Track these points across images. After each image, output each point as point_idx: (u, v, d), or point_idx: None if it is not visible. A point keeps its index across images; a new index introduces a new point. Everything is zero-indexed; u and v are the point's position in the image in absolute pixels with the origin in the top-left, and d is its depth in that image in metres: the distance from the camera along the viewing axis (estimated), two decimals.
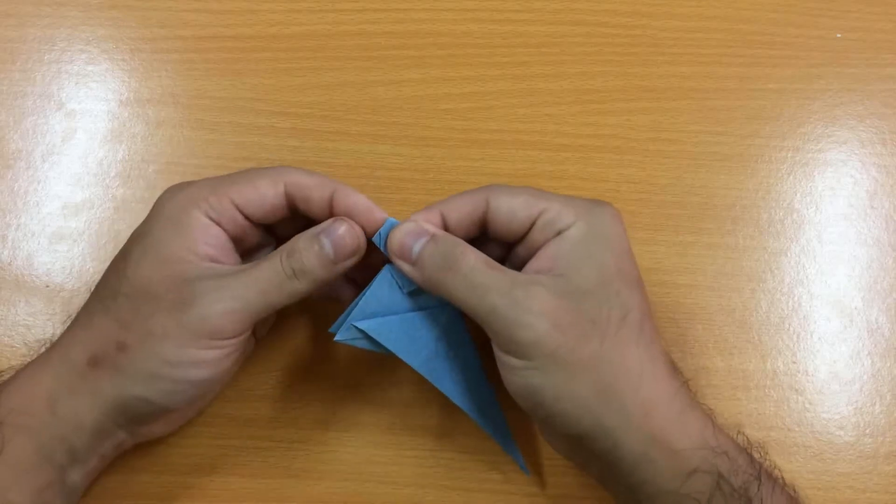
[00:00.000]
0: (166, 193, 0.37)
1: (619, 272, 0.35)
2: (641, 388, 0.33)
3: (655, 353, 0.34)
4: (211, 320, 0.34)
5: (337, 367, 0.43)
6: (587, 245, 0.35)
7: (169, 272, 0.34)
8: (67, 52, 0.49)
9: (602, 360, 0.33)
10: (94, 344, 0.34)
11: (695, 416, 0.34)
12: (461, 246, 0.35)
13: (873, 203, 0.46)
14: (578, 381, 0.33)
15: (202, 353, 0.34)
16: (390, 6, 0.50)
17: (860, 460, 0.41)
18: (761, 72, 0.49)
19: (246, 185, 0.36)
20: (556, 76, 0.48)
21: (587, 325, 0.33)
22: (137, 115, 0.47)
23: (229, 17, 0.49)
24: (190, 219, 0.35)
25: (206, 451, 0.41)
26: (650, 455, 0.33)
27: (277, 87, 0.48)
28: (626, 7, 0.50)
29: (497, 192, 0.36)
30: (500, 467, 0.41)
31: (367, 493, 0.41)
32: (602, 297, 0.34)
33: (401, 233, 0.36)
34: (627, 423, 0.33)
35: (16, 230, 0.45)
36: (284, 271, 0.35)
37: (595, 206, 0.36)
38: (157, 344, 0.34)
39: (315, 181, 0.37)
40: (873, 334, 0.44)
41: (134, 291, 0.34)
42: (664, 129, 0.47)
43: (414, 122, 0.47)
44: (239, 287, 0.34)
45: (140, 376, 0.34)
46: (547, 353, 0.33)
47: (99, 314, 0.35)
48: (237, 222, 0.37)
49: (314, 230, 0.36)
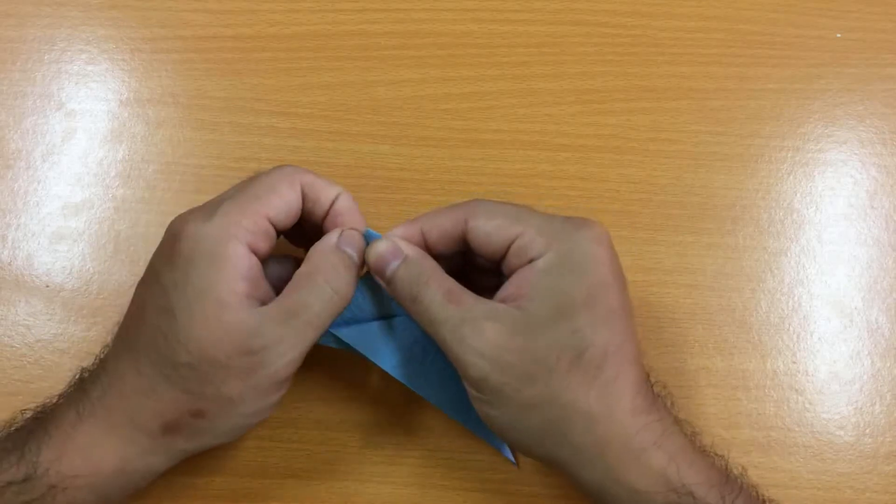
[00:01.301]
0: (188, 227, 0.34)
1: (586, 306, 0.33)
2: (593, 429, 0.33)
3: (617, 392, 0.33)
4: (280, 373, 0.34)
5: (337, 367, 0.43)
6: (554, 277, 0.34)
7: (223, 331, 0.33)
8: (67, 52, 0.49)
9: (547, 401, 0.33)
10: (167, 413, 0.33)
11: (658, 454, 0.33)
12: (426, 273, 0.35)
13: (873, 203, 0.46)
14: (526, 418, 0.33)
15: (275, 396, 0.35)
16: (390, 6, 0.50)
17: (860, 460, 0.41)
18: (761, 72, 0.49)
19: (271, 195, 0.35)
20: (556, 76, 0.48)
21: (532, 366, 0.33)
22: (137, 115, 0.47)
23: (229, 17, 0.49)
24: (230, 253, 0.33)
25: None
26: (611, 490, 0.33)
27: (277, 87, 0.48)
28: (626, 7, 0.50)
29: (476, 212, 0.36)
30: (500, 467, 0.41)
31: (367, 493, 0.41)
32: (556, 334, 0.33)
33: (377, 251, 0.36)
34: (580, 459, 0.33)
35: (16, 230, 0.45)
36: (332, 298, 0.35)
37: (575, 230, 0.34)
38: (236, 407, 0.34)
39: (324, 182, 0.37)
40: (873, 334, 0.44)
41: (194, 360, 0.33)
42: (664, 129, 0.47)
43: (414, 122, 0.47)
44: (296, 334, 0.34)
45: (220, 434, 0.35)
46: (494, 389, 0.33)
47: (161, 383, 0.33)
48: (271, 238, 0.36)
49: (332, 242, 0.36)
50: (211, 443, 0.35)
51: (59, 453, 0.33)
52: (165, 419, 0.34)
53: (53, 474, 0.33)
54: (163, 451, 0.34)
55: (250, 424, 0.36)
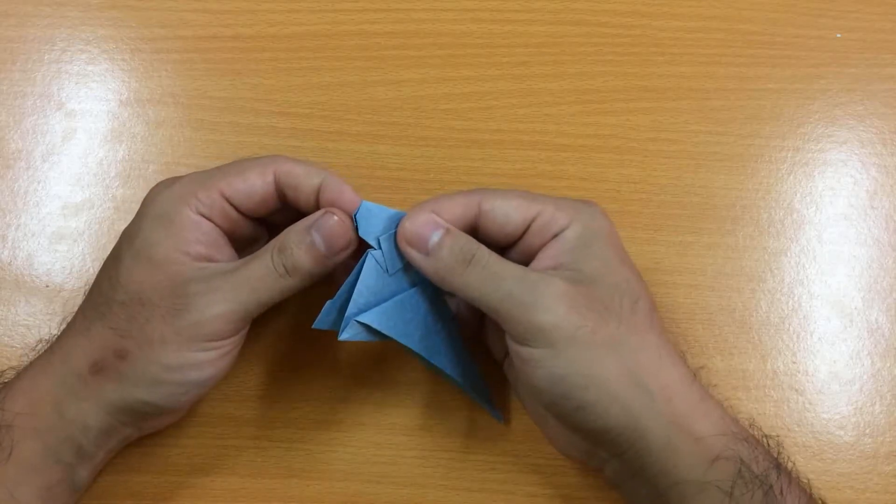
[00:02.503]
0: (154, 190, 0.37)
1: (623, 263, 0.36)
2: (661, 373, 0.33)
3: (667, 340, 0.35)
4: (206, 324, 0.34)
5: (337, 367, 0.43)
6: (587, 242, 0.35)
7: (161, 277, 0.34)
8: (67, 52, 0.49)
9: (622, 343, 0.33)
10: (94, 351, 0.34)
11: (714, 402, 0.34)
12: (474, 241, 0.35)
13: (873, 203, 0.46)
14: (603, 365, 0.33)
15: (200, 355, 0.34)
16: (390, 6, 0.50)
17: (860, 460, 0.41)
18: (761, 72, 0.49)
19: (235, 177, 0.36)
20: (556, 76, 0.48)
21: (602, 309, 0.33)
22: (137, 115, 0.47)
23: (229, 17, 0.49)
24: (180, 217, 0.35)
25: (206, 451, 0.41)
26: (674, 443, 0.33)
27: (277, 87, 0.48)
28: (626, 7, 0.50)
29: (489, 195, 0.36)
30: (500, 467, 0.41)
31: (367, 493, 0.41)
32: (612, 284, 0.34)
33: (417, 222, 0.36)
34: (652, 409, 0.33)
35: (16, 230, 0.45)
36: (276, 269, 0.35)
37: (584, 205, 0.37)
38: (156, 351, 0.34)
39: (303, 170, 0.36)
40: (873, 334, 0.44)
41: (128, 298, 0.34)
42: (664, 129, 0.47)
43: (414, 122, 0.47)
44: (230, 288, 0.34)
45: (142, 382, 0.34)
46: (568, 336, 0.33)
47: (96, 321, 0.35)
48: (229, 216, 0.36)
49: (304, 223, 0.36)
50: (134, 395, 0.34)
51: (5, 394, 0.35)
52: (93, 357, 0.34)
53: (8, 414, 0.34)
54: (90, 396, 0.34)
55: (174, 383, 0.34)
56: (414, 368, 0.42)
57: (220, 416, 0.42)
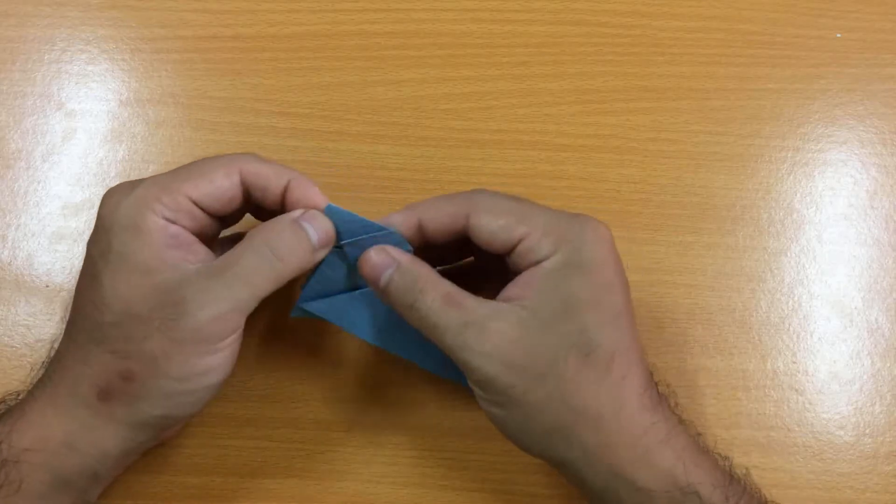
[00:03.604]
0: (111, 199, 0.35)
1: (592, 306, 0.33)
2: (601, 430, 0.33)
3: (624, 392, 0.33)
4: (205, 328, 0.33)
5: (337, 367, 0.43)
6: (561, 278, 0.34)
7: (146, 288, 0.33)
8: (67, 52, 0.49)
9: (557, 403, 0.33)
10: (99, 378, 0.33)
11: (665, 454, 0.33)
12: (421, 280, 0.35)
13: (873, 203, 0.46)
14: (533, 421, 0.33)
15: (206, 360, 0.34)
16: (390, 6, 0.50)
17: (860, 460, 0.41)
18: (761, 72, 0.49)
19: (200, 178, 0.35)
20: (556, 76, 0.48)
21: (541, 366, 0.33)
22: (137, 115, 0.47)
23: (229, 17, 0.49)
24: (146, 224, 0.34)
25: (206, 451, 0.41)
26: (615, 489, 0.33)
27: (277, 87, 0.48)
28: (626, 7, 0.50)
29: (479, 208, 0.35)
30: (501, 467, 0.41)
31: (367, 493, 0.41)
32: (564, 334, 0.33)
33: (368, 263, 0.36)
34: (587, 459, 0.33)
35: (16, 230, 0.45)
36: (268, 259, 0.34)
37: (581, 230, 0.35)
38: (161, 366, 0.33)
39: (271, 170, 0.36)
40: (873, 334, 0.44)
41: (118, 318, 0.33)
42: (664, 129, 0.47)
43: (414, 122, 0.47)
44: (223, 287, 0.33)
45: (154, 399, 0.34)
46: (501, 392, 0.33)
47: (91, 347, 0.34)
48: (196, 218, 0.35)
49: (292, 216, 0.35)
50: (150, 413, 0.34)
51: (10, 427, 0.33)
52: (99, 385, 0.33)
53: (6, 448, 0.33)
54: (105, 424, 0.34)
55: (187, 394, 0.34)
56: (414, 368, 0.42)
57: (220, 416, 0.41)
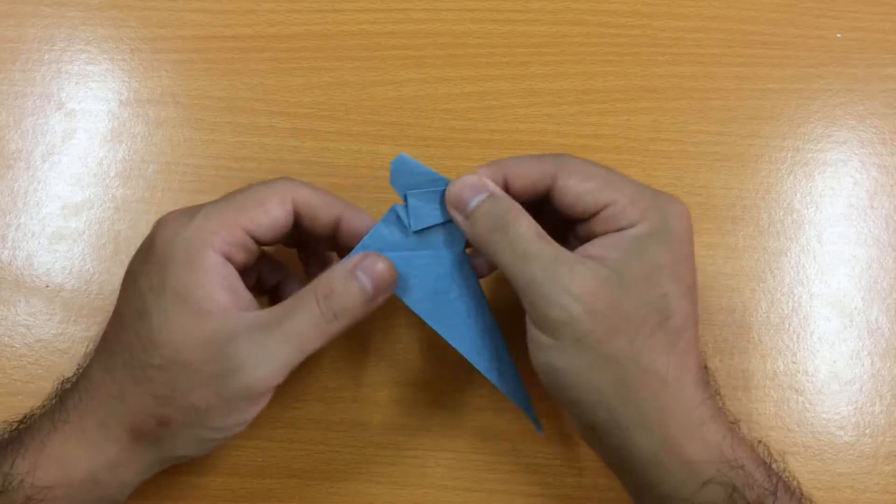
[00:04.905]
0: (166, 229, 0.34)
1: (673, 277, 0.34)
2: (662, 394, 0.33)
3: (688, 363, 0.34)
4: (254, 386, 0.32)
5: (337, 367, 0.43)
6: (645, 245, 0.34)
7: (198, 335, 0.32)
8: (67, 52, 0.49)
9: (628, 358, 0.32)
10: (133, 418, 0.33)
11: (714, 428, 0.33)
12: (514, 210, 0.34)
13: (873, 203, 0.46)
14: (599, 373, 0.33)
15: (247, 413, 0.34)
16: (390, 6, 0.50)
17: (860, 460, 0.41)
18: (761, 72, 0.49)
19: (256, 209, 0.34)
20: (556, 76, 0.48)
21: (621, 320, 0.32)
22: (137, 115, 0.47)
23: (229, 17, 0.49)
24: (204, 262, 0.33)
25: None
26: (661, 459, 0.33)
27: (277, 87, 0.48)
28: (626, 7, 0.50)
29: (567, 169, 0.35)
30: (500, 467, 0.41)
31: (367, 493, 0.41)
32: (645, 296, 0.33)
33: (460, 184, 0.35)
34: (642, 423, 0.33)
35: (16, 230, 0.45)
36: (324, 316, 0.33)
37: (666, 204, 0.35)
38: (202, 418, 0.33)
39: (323, 200, 0.36)
40: (873, 334, 0.44)
41: (166, 362, 0.32)
42: (664, 129, 0.47)
43: (414, 122, 0.47)
44: (276, 345, 0.33)
45: (187, 444, 0.34)
46: (575, 337, 0.32)
47: (130, 385, 0.33)
48: (249, 251, 0.35)
49: (347, 266, 0.34)
50: (178, 455, 0.34)
51: (33, 465, 0.32)
52: (133, 425, 0.33)
53: (28, 486, 0.32)
54: (131, 463, 0.34)
55: (217, 440, 0.34)
56: (414, 368, 0.42)
57: None
